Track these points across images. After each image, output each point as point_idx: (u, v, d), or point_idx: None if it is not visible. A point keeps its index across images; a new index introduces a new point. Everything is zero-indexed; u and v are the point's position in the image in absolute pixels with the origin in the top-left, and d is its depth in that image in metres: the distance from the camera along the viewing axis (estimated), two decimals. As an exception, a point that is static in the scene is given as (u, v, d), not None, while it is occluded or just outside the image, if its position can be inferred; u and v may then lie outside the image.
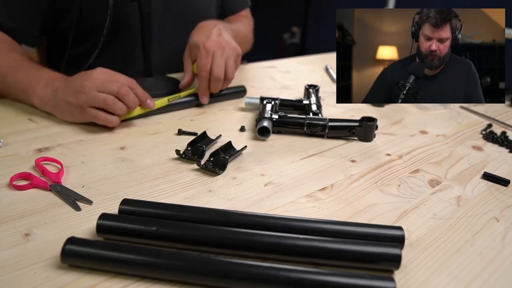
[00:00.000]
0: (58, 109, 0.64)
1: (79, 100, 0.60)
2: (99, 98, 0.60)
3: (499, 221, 0.47)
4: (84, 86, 0.60)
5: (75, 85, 0.61)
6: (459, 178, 0.57)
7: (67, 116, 0.64)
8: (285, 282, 0.34)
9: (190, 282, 0.36)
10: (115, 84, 0.61)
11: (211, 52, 0.72)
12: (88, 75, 0.62)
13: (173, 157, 0.57)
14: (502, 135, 0.71)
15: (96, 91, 0.60)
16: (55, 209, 0.44)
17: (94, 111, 0.61)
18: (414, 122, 0.75)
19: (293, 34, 2.97)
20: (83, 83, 0.61)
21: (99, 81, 0.61)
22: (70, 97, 0.61)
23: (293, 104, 0.75)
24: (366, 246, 0.38)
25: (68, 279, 0.35)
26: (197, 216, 0.42)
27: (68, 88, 0.62)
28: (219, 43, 0.73)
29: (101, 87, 0.60)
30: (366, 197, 0.51)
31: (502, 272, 0.40)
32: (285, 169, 0.56)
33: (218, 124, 0.69)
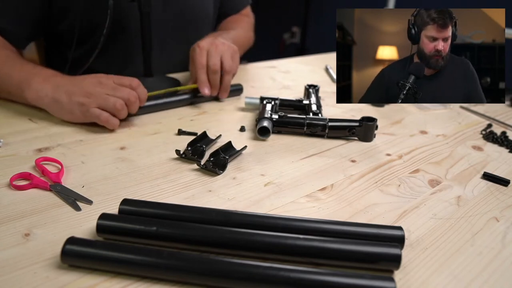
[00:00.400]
0: (56, 106, 0.63)
1: (86, 101, 0.60)
2: (110, 101, 0.60)
3: (499, 221, 0.47)
4: (93, 89, 0.61)
5: (83, 86, 0.62)
6: (459, 178, 0.57)
7: (65, 114, 0.63)
8: (285, 282, 0.34)
9: (190, 282, 0.36)
10: (126, 91, 0.62)
11: (205, 49, 0.75)
12: (97, 78, 0.63)
13: (173, 157, 0.57)
14: (502, 135, 0.71)
15: (106, 95, 0.61)
16: (55, 209, 0.44)
17: (98, 111, 0.61)
18: (414, 122, 0.75)
19: (293, 34, 2.97)
20: (94, 86, 0.62)
21: (109, 86, 0.62)
22: (75, 97, 0.61)
23: (293, 104, 0.75)
24: (366, 246, 0.38)
25: (68, 279, 0.35)
26: (197, 216, 0.42)
27: (73, 87, 0.62)
28: (213, 42, 0.76)
29: (111, 92, 0.62)
30: (366, 197, 0.51)
31: (502, 272, 0.40)
32: (285, 169, 0.56)
33: (218, 124, 0.69)
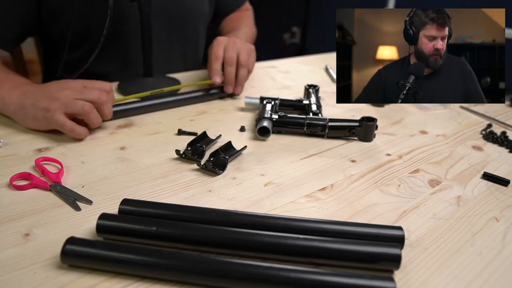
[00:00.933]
0: (21, 112, 0.59)
1: (51, 105, 0.56)
2: (77, 104, 0.56)
3: (499, 221, 0.47)
4: (60, 93, 0.57)
5: (50, 91, 0.58)
6: (459, 178, 0.57)
7: (29, 121, 0.59)
8: (285, 282, 0.34)
9: (190, 282, 0.36)
10: (95, 92, 0.58)
11: (223, 43, 0.77)
12: (65, 83, 0.59)
13: (173, 157, 0.57)
14: (502, 135, 0.71)
15: (73, 99, 0.57)
16: (55, 209, 0.44)
17: (62, 118, 0.56)
18: (414, 122, 0.75)
19: (293, 34, 2.97)
20: (60, 91, 0.58)
21: (77, 90, 0.58)
22: (40, 101, 0.57)
23: (293, 104, 0.75)
24: (366, 246, 0.38)
25: (68, 279, 0.35)
26: (197, 216, 0.42)
27: (40, 92, 0.59)
28: (230, 39, 0.78)
29: (79, 95, 0.57)
30: (366, 197, 0.51)
31: (502, 272, 0.40)
32: (285, 169, 0.56)
33: (218, 124, 0.69)
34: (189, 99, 0.75)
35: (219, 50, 0.76)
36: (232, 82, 0.77)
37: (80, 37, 0.84)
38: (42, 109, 0.57)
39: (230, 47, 0.76)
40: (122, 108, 0.67)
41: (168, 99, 0.72)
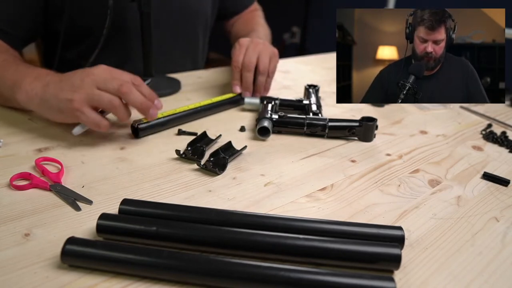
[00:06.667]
0: (45, 104, 0.57)
1: (75, 96, 0.54)
2: (104, 98, 0.54)
3: (499, 221, 0.47)
4: (83, 82, 0.54)
5: (72, 80, 0.55)
6: (459, 178, 0.57)
7: (54, 113, 0.57)
8: (285, 282, 0.34)
9: (190, 282, 0.36)
10: (116, 81, 0.55)
11: (244, 46, 0.76)
12: (88, 71, 0.56)
13: (173, 157, 0.57)
14: (502, 135, 0.71)
15: (96, 88, 0.54)
16: (55, 209, 0.44)
17: (90, 112, 0.54)
18: (414, 122, 0.75)
19: (293, 34, 2.97)
20: (83, 78, 0.55)
21: (101, 78, 0.55)
22: (63, 92, 0.54)
23: (293, 104, 0.75)
24: (366, 246, 0.38)
25: (68, 279, 0.35)
26: (197, 216, 0.42)
27: (62, 82, 0.56)
28: (253, 40, 0.78)
29: (101, 84, 0.54)
30: (366, 197, 0.51)
31: (502, 272, 0.40)
32: (285, 169, 0.56)
33: (218, 124, 0.69)
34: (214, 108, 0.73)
35: (239, 55, 0.74)
36: (248, 89, 0.76)
37: (80, 35, 0.84)
38: (66, 100, 0.54)
39: (251, 49, 0.75)
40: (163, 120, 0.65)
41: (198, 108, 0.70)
